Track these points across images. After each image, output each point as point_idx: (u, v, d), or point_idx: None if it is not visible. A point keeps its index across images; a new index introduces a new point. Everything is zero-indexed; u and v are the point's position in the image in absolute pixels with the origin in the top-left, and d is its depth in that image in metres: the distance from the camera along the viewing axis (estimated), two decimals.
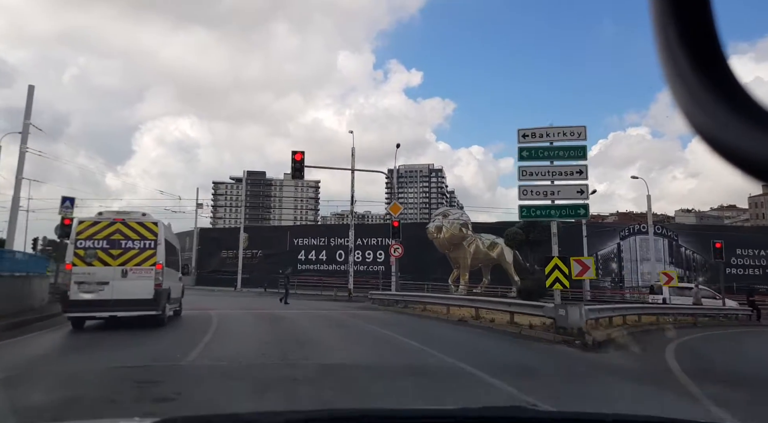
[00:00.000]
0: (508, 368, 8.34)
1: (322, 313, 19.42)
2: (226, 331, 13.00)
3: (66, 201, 22.91)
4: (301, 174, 22.83)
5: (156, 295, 13.09)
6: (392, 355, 9.71)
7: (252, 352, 9.44)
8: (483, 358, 9.24)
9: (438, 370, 7.95)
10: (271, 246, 49.61)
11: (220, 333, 12.67)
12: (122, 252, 13.04)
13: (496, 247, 41.62)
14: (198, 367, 8.03)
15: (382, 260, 45.27)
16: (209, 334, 11.87)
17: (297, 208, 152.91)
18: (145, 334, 12.21)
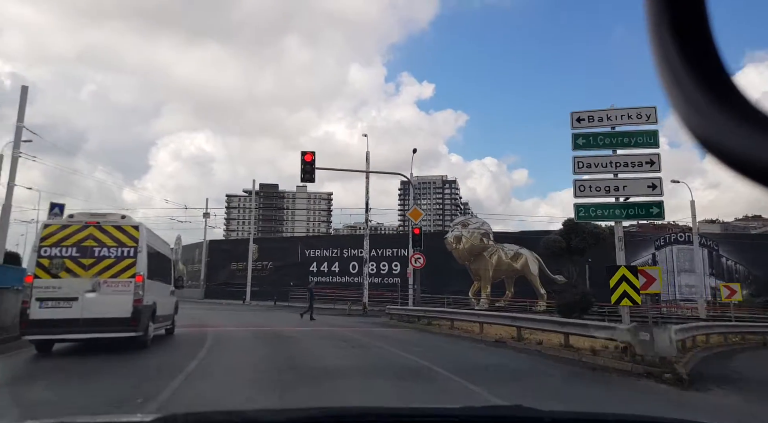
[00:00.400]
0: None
1: (334, 332, 16.92)
2: (217, 357, 10.56)
3: (55, 207, 20.67)
4: (312, 177, 20.50)
5: (135, 313, 10.69)
6: (429, 396, 7.20)
7: (240, 391, 7.00)
8: (557, 401, 6.68)
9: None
10: (282, 257, 47.30)
11: (209, 360, 10.25)
12: (95, 261, 10.69)
13: (519, 257, 38.93)
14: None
15: (398, 272, 42.73)
16: (195, 361, 9.43)
17: (309, 221, 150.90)
18: (121, 360, 9.89)
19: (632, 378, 8.94)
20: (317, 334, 16.19)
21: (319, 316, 26.64)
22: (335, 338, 14.67)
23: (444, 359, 10.69)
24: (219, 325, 19.01)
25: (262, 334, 15.61)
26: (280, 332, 16.12)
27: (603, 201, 11.36)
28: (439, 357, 10.80)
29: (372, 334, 16.44)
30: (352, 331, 17.10)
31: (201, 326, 18.13)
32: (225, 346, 12.56)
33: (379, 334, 16.56)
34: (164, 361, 10.31)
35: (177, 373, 8.34)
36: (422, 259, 21.21)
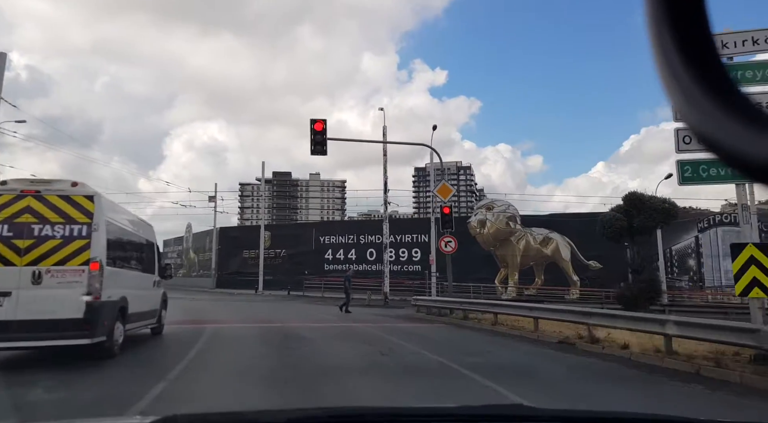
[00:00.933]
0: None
1: (356, 329, 14.03)
2: (197, 374, 7.68)
3: None
4: (324, 149, 17.53)
5: (90, 313, 7.84)
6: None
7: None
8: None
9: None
10: (296, 245, 44.52)
11: (191, 373, 7.44)
12: (34, 243, 7.84)
13: (550, 242, 35.76)
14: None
15: (418, 259, 39.83)
16: (161, 385, 6.54)
17: (323, 209, 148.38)
18: (71, 374, 7.13)
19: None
20: (335, 332, 13.31)
21: (337, 307, 23.82)
22: (357, 339, 11.76)
23: (512, 372, 7.74)
24: (221, 320, 16.23)
25: (268, 334, 12.76)
26: (290, 331, 13.26)
27: None
28: (514, 374, 7.74)
29: (401, 331, 13.52)
30: (376, 328, 14.19)
31: (198, 323, 15.35)
32: (216, 353, 9.70)
33: (410, 331, 13.64)
34: (130, 375, 7.51)
35: (137, 398, 5.52)
36: (453, 243, 18.21)
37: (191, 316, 18.01)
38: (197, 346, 10.23)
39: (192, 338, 11.44)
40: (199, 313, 19.35)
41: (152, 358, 9.06)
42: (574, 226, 35.17)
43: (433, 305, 18.28)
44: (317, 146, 17.45)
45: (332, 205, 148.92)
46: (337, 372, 7.63)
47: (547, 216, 38.81)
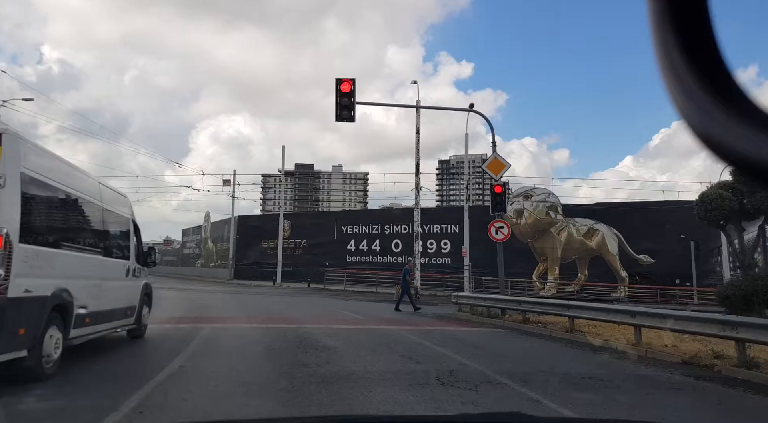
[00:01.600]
0: None
1: (391, 334, 10.91)
2: (163, 406, 4.66)
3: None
4: (351, 114, 14.40)
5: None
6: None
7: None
8: None
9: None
10: (317, 235, 41.62)
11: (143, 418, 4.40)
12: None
13: (594, 234, 32.21)
14: None
15: (448, 251, 36.61)
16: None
17: (345, 201, 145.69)
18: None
19: None
20: (366, 338, 10.22)
21: (362, 302, 20.78)
22: (397, 350, 8.63)
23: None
24: (225, 318, 13.30)
25: (279, 340, 9.72)
26: (308, 335, 10.21)
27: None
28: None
29: (451, 339, 10.35)
30: (416, 333, 11.06)
31: (198, 321, 12.44)
32: (198, 374, 6.63)
33: (462, 339, 10.48)
34: None
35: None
36: (507, 229, 14.94)
37: (193, 312, 15.13)
38: (177, 360, 7.23)
39: (176, 347, 8.47)
40: (204, 308, 16.46)
41: (98, 382, 6.05)
42: (623, 217, 31.58)
43: (478, 304, 15.05)
44: (343, 111, 14.34)
45: (354, 198, 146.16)
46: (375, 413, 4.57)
47: (593, 205, 35.15)
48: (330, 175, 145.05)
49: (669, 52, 0.51)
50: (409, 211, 42.28)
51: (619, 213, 32.20)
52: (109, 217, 8.16)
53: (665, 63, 0.51)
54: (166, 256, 75.26)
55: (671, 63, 0.51)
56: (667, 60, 0.51)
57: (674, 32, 0.51)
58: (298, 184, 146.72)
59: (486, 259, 32.40)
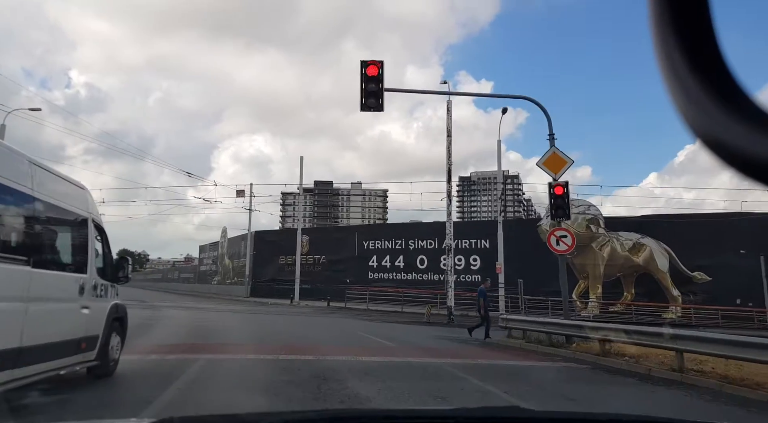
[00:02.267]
0: None
1: (436, 369, 8.23)
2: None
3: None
4: (378, 103, 11.86)
5: None
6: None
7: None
8: None
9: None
10: (336, 250, 39.12)
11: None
12: None
13: (641, 249, 29.15)
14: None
15: (477, 267, 33.75)
16: None
17: (364, 219, 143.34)
18: None
19: None
20: (406, 379, 7.52)
21: (389, 324, 18.10)
22: (455, 404, 5.94)
23: None
24: (227, 346, 10.77)
25: (290, 379, 7.11)
26: (329, 372, 7.60)
27: None
28: None
29: (524, 381, 7.64)
30: (473, 371, 8.31)
31: (192, 349, 9.94)
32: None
33: (540, 382, 7.75)
34: None
35: None
36: (570, 238, 12.19)
37: (193, 337, 12.62)
38: None
39: (145, 396, 5.94)
40: (208, 332, 13.95)
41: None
42: (673, 230, 28.48)
43: (536, 329, 12.24)
44: (370, 98, 11.84)
45: (374, 215, 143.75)
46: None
47: (639, 217, 32.06)
48: (349, 191, 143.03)
49: (669, 52, 0.50)
50: (434, 225, 39.59)
51: (668, 226, 29.09)
52: (49, 212, 5.70)
53: (666, 64, 0.51)
54: (183, 273, 73.43)
55: (672, 64, 0.50)
56: (668, 61, 0.50)
57: (675, 33, 0.50)
58: (318, 201, 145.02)
59: (520, 276, 29.59)
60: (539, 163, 12.46)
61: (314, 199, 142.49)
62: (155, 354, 9.31)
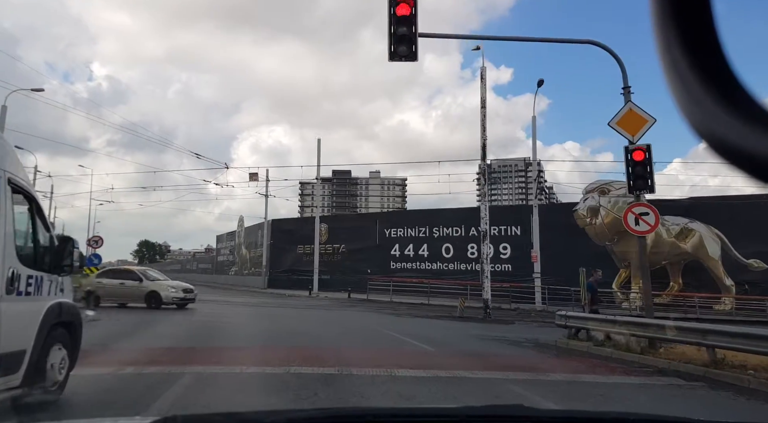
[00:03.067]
0: None
1: (504, 392, 5.95)
2: None
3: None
4: (412, 49, 9.52)
5: None
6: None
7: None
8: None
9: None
10: (356, 239, 36.95)
11: None
12: None
13: (690, 235, 26.40)
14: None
15: (508, 256, 31.27)
16: None
17: (383, 208, 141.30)
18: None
19: None
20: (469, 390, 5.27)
21: (420, 322, 15.84)
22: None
23: None
24: (229, 352, 8.64)
25: (301, 409, 4.84)
26: (356, 396, 5.35)
27: None
28: None
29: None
30: (557, 395, 6.01)
31: (182, 358, 7.83)
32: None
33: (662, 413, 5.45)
34: None
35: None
36: (653, 216, 9.78)
37: (191, 338, 10.52)
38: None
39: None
40: (211, 331, 11.86)
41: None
42: (727, 213, 25.67)
43: (610, 330, 9.87)
44: (400, 45, 9.51)
45: (392, 204, 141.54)
46: None
47: (687, 200, 29.22)
48: (368, 181, 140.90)
49: (671, 51, 0.50)
50: (460, 211, 37.08)
51: (720, 208, 26.26)
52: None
53: (668, 62, 0.50)
54: (201, 263, 72.17)
55: (674, 62, 0.50)
56: (670, 59, 0.50)
57: (676, 31, 0.50)
58: (336, 191, 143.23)
59: (554, 265, 27.09)
60: (611, 122, 10.01)
61: (332, 188, 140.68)
62: (133, 365, 7.21)
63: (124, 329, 11.81)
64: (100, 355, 8.42)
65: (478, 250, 32.53)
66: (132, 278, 17.73)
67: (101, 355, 8.33)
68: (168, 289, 17.47)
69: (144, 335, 10.57)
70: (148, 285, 17.38)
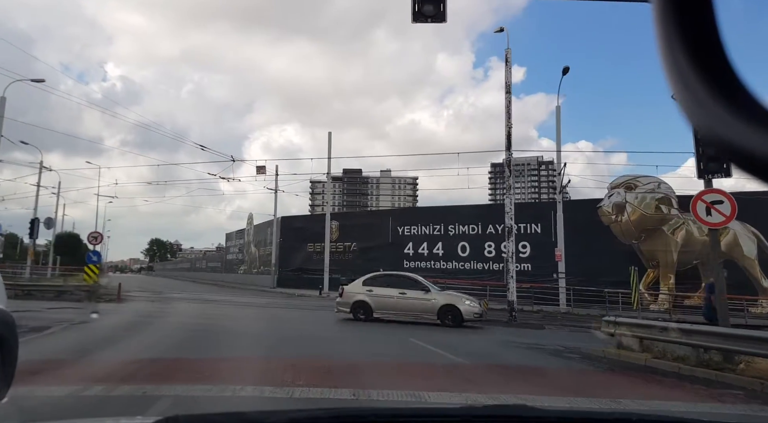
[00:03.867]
0: None
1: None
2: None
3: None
4: (439, 9, 8.08)
5: None
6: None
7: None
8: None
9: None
10: (368, 237, 35.52)
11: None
12: None
13: (723, 232, 24.49)
14: None
15: (527, 254, 29.55)
16: None
17: (394, 207, 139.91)
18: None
19: None
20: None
21: (440, 327, 14.34)
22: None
23: None
24: (222, 363, 7.22)
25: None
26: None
27: None
28: None
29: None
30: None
31: (163, 374, 6.41)
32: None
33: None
34: None
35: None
36: (729, 204, 8.12)
37: (179, 347, 9.09)
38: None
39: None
40: (206, 337, 10.45)
41: None
42: (764, 210, 23.91)
43: (667, 338, 8.32)
44: (426, 3, 8.06)
45: (403, 203, 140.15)
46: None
47: None
48: (378, 180, 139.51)
49: (673, 50, 0.50)
50: (477, 208, 35.53)
51: (757, 204, 24.50)
52: None
53: (669, 61, 0.50)
54: (210, 262, 71.04)
55: (675, 61, 0.50)
56: (671, 58, 0.50)
57: (678, 30, 0.50)
58: (346, 189, 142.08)
59: (577, 264, 25.52)
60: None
61: (343, 187, 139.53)
62: (103, 383, 5.82)
63: (111, 334, 10.47)
64: (70, 367, 7.05)
65: (496, 248, 30.99)
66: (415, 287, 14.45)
67: (71, 368, 6.96)
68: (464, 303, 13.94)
69: (125, 344, 9.12)
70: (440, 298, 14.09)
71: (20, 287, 20.29)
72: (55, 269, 41.67)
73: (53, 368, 6.76)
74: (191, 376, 6.30)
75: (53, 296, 19.30)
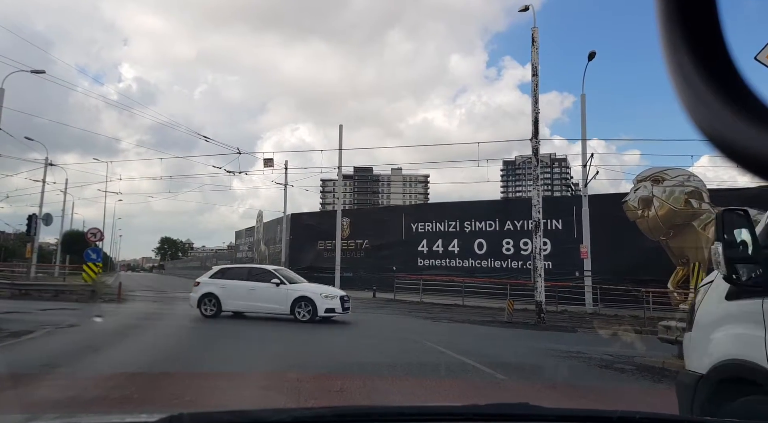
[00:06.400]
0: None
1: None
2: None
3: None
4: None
5: None
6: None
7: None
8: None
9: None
10: (381, 234, 34.29)
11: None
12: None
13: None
14: None
15: (548, 252, 27.80)
16: None
17: (405, 205, 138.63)
18: None
19: None
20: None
21: (463, 329, 13.03)
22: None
23: None
24: (208, 380, 5.94)
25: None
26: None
27: None
28: None
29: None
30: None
31: (136, 400, 5.07)
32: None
33: None
34: None
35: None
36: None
37: (165, 359, 7.84)
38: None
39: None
40: (199, 344, 9.23)
41: None
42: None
43: None
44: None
45: (415, 201, 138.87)
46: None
47: (756, 188, 25.78)
48: (389, 178, 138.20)
49: (676, 50, 0.50)
50: (494, 204, 34.21)
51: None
52: None
53: (673, 61, 0.50)
54: (220, 260, 70.37)
55: (679, 62, 0.50)
56: (675, 59, 0.50)
57: (682, 30, 0.49)
58: (358, 188, 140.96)
59: (602, 263, 24.03)
60: (759, 56, 7.05)
61: (354, 185, 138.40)
62: (62, 409, 4.56)
63: (98, 340, 9.29)
64: (30, 384, 5.81)
65: (515, 245, 29.55)
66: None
67: (30, 385, 5.72)
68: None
69: (104, 354, 7.83)
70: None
71: (17, 286, 19.28)
72: (64, 268, 40.88)
73: (7, 388, 5.54)
74: (173, 399, 5.03)
75: (51, 296, 18.26)
